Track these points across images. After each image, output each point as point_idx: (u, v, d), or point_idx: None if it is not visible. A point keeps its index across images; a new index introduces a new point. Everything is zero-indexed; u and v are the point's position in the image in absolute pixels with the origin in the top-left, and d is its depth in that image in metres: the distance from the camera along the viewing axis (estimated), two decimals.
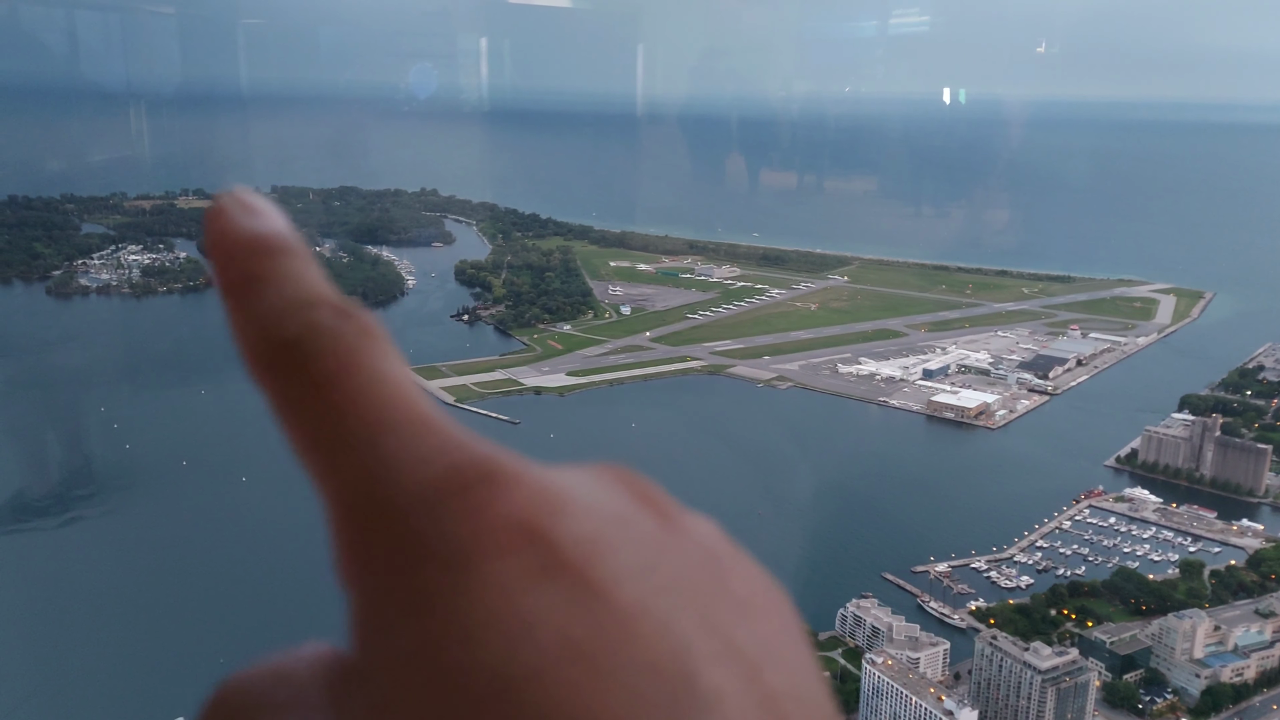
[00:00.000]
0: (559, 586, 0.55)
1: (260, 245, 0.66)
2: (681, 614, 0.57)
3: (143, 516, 58.49)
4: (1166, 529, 61.51)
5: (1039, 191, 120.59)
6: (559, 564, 0.56)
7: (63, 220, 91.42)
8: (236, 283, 0.64)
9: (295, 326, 0.62)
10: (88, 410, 68.50)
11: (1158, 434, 68.08)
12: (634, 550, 0.59)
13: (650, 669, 0.54)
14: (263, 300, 0.64)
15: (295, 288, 0.64)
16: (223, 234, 0.66)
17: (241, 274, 0.64)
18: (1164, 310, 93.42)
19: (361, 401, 0.61)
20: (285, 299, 0.63)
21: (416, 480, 0.59)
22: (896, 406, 75.17)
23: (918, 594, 54.72)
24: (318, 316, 0.63)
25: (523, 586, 0.55)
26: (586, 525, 0.59)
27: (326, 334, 0.62)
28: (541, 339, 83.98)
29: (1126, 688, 47.76)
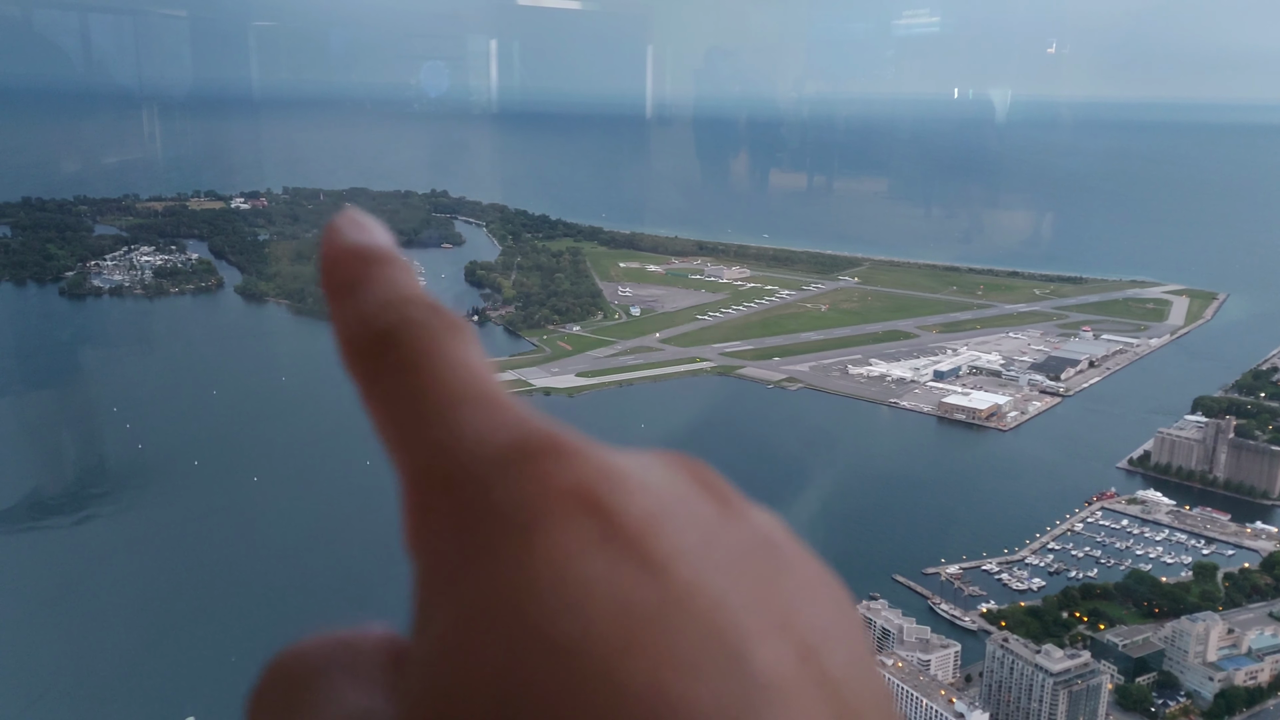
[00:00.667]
0: (618, 556, 0.57)
1: (364, 254, 0.72)
2: (738, 592, 0.59)
3: (156, 515, 58.77)
4: (1180, 531, 61.18)
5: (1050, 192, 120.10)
6: (619, 535, 0.58)
7: (76, 222, 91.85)
8: (341, 285, 0.71)
9: (389, 319, 0.68)
10: (101, 410, 68.87)
11: (1171, 436, 67.72)
12: (692, 530, 0.61)
13: (705, 641, 0.55)
14: (363, 299, 0.69)
15: (392, 289, 0.70)
16: (333, 245, 0.73)
17: (346, 278, 0.71)
18: (1177, 311, 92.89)
19: (441, 382, 0.65)
20: (383, 298, 0.69)
21: (485, 449, 0.62)
22: (907, 408, 74.95)
23: (928, 596, 54.55)
24: (410, 311, 0.68)
25: (582, 553, 0.57)
26: (647, 502, 0.61)
27: (416, 326, 0.67)
28: (551, 340, 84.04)
29: (1139, 691, 47.50)
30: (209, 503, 60.09)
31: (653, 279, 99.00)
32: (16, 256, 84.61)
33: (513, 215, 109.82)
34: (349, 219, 0.76)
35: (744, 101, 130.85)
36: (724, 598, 0.57)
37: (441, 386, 0.65)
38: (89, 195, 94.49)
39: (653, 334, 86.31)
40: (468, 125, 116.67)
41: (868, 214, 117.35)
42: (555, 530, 0.57)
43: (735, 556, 0.61)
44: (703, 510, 0.63)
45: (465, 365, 0.67)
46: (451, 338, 0.68)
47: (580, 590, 0.55)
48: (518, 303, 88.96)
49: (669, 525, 0.60)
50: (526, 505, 0.58)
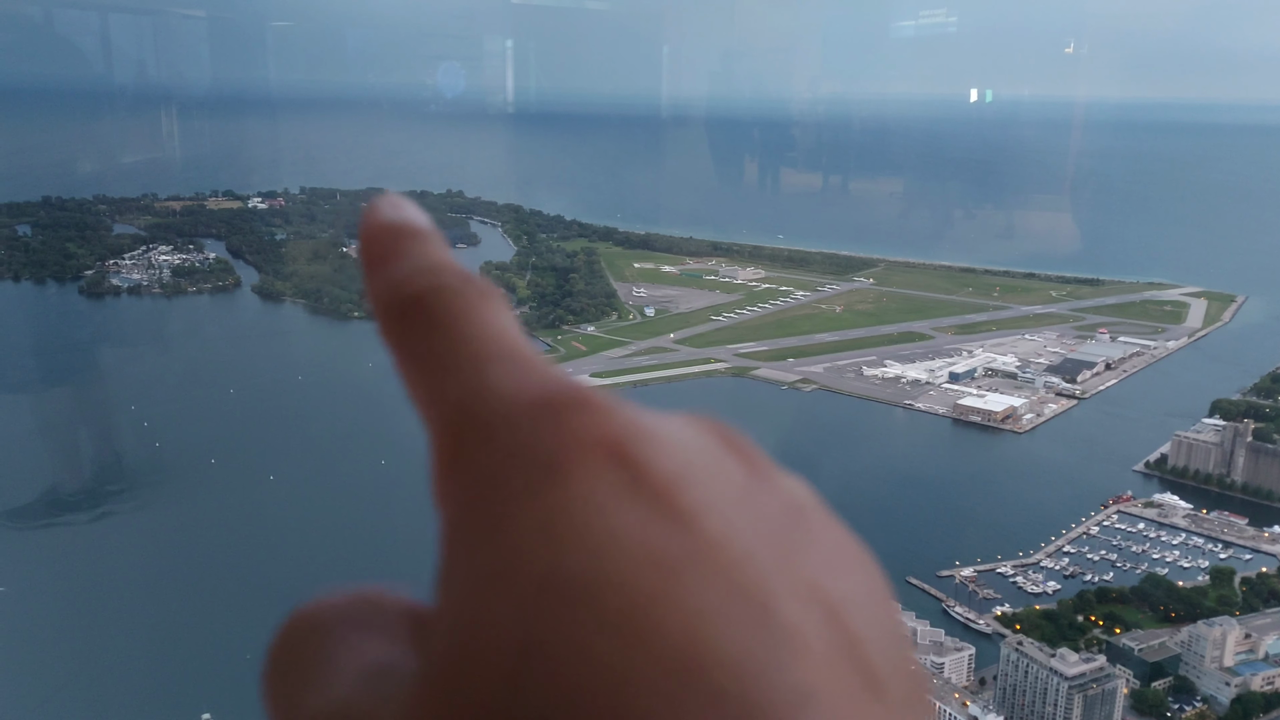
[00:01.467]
0: (646, 506, 0.57)
1: (399, 229, 0.74)
2: (765, 551, 0.58)
3: (172, 512, 59.21)
4: (1196, 535, 60.79)
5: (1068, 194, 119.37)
6: (647, 486, 0.58)
7: (95, 221, 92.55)
8: (377, 257, 0.72)
9: (421, 285, 0.69)
10: (119, 408, 69.39)
11: (1188, 439, 67.28)
12: (721, 488, 0.61)
13: (732, 593, 0.54)
14: (398, 268, 0.71)
15: (425, 259, 0.71)
16: (370, 223, 0.74)
17: (382, 250, 0.72)
18: (1194, 314, 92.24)
19: (472, 340, 0.66)
20: (416, 267, 0.71)
21: (514, 400, 0.62)
22: (922, 410, 74.71)
23: (942, 599, 54.37)
24: (442, 278, 0.69)
25: (610, 501, 0.57)
26: (676, 457, 0.61)
27: (448, 290, 0.69)
28: (565, 340, 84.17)
29: (1155, 695, 47.23)
30: (225, 501, 60.48)
31: (667, 280, 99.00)
32: (37, 255, 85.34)
33: (527, 215, 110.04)
34: (386, 200, 0.77)
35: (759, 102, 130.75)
36: (752, 554, 0.57)
37: (472, 344, 0.66)
38: (108, 195, 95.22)
39: (667, 335, 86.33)
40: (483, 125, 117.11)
41: (883, 215, 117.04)
42: (583, 478, 0.57)
43: (763, 517, 0.62)
44: (732, 471, 0.64)
45: (496, 326, 0.67)
46: (483, 302, 0.69)
47: (607, 538, 0.55)
48: (532, 303, 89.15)
49: (697, 481, 0.60)
50: (555, 454, 0.59)
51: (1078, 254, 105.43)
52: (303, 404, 72.44)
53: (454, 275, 0.70)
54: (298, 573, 52.86)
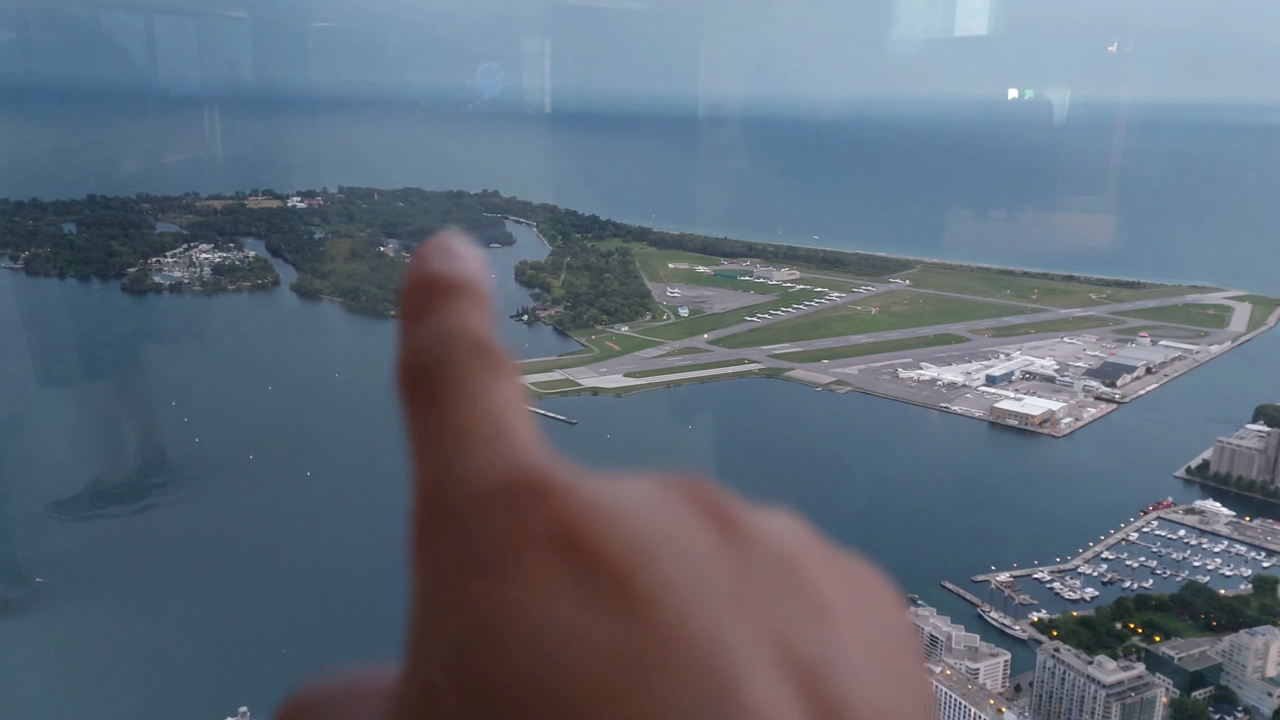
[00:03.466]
0: (596, 597, 0.55)
1: (436, 285, 0.74)
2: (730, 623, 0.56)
3: (212, 507, 60.13)
4: (1239, 543, 59.80)
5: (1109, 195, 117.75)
6: (596, 576, 0.56)
7: (138, 219, 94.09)
8: (409, 314, 0.74)
9: (434, 353, 0.70)
10: (160, 403, 70.54)
11: (1231, 445, 66.14)
12: (683, 561, 0.59)
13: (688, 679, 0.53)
14: (421, 331, 0.72)
15: (450, 324, 0.72)
16: (414, 272, 0.75)
17: (415, 307, 0.74)
18: (1238, 318, 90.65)
19: (460, 417, 0.66)
20: (437, 332, 0.71)
21: (477, 486, 0.62)
22: (958, 413, 74.05)
23: (978, 603, 53.91)
24: (453, 349, 0.70)
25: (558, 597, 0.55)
26: (633, 537, 0.59)
27: (454, 363, 0.70)
28: (599, 340, 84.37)
29: (1195, 705, 46.50)
30: (263, 497, 61.31)
31: (701, 280, 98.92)
32: (81, 253, 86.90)
33: (563, 215, 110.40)
34: (438, 245, 0.78)
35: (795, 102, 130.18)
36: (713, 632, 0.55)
37: (459, 421, 0.66)
38: (151, 193, 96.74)
39: (701, 335, 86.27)
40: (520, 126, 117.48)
41: (920, 216, 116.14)
42: (530, 575, 0.56)
43: (734, 584, 0.59)
44: (697, 538, 0.61)
45: (488, 404, 0.68)
46: (485, 377, 0.69)
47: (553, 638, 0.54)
48: (566, 303, 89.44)
49: (656, 560, 0.58)
50: (502, 546, 0.58)
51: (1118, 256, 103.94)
52: (339, 402, 73.19)
53: (466, 346, 0.71)
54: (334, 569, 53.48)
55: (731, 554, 0.61)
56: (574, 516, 0.59)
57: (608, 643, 0.53)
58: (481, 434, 0.65)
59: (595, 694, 0.52)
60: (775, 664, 0.56)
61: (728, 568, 0.60)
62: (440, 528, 0.61)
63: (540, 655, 0.53)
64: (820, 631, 0.59)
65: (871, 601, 0.66)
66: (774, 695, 0.54)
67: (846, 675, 0.58)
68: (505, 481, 0.62)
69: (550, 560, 0.57)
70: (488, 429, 0.66)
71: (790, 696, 0.55)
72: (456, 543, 0.60)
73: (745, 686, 0.54)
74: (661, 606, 0.56)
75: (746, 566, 0.61)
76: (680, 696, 0.52)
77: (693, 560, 0.59)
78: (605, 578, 0.56)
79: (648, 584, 0.56)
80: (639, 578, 0.57)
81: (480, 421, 0.66)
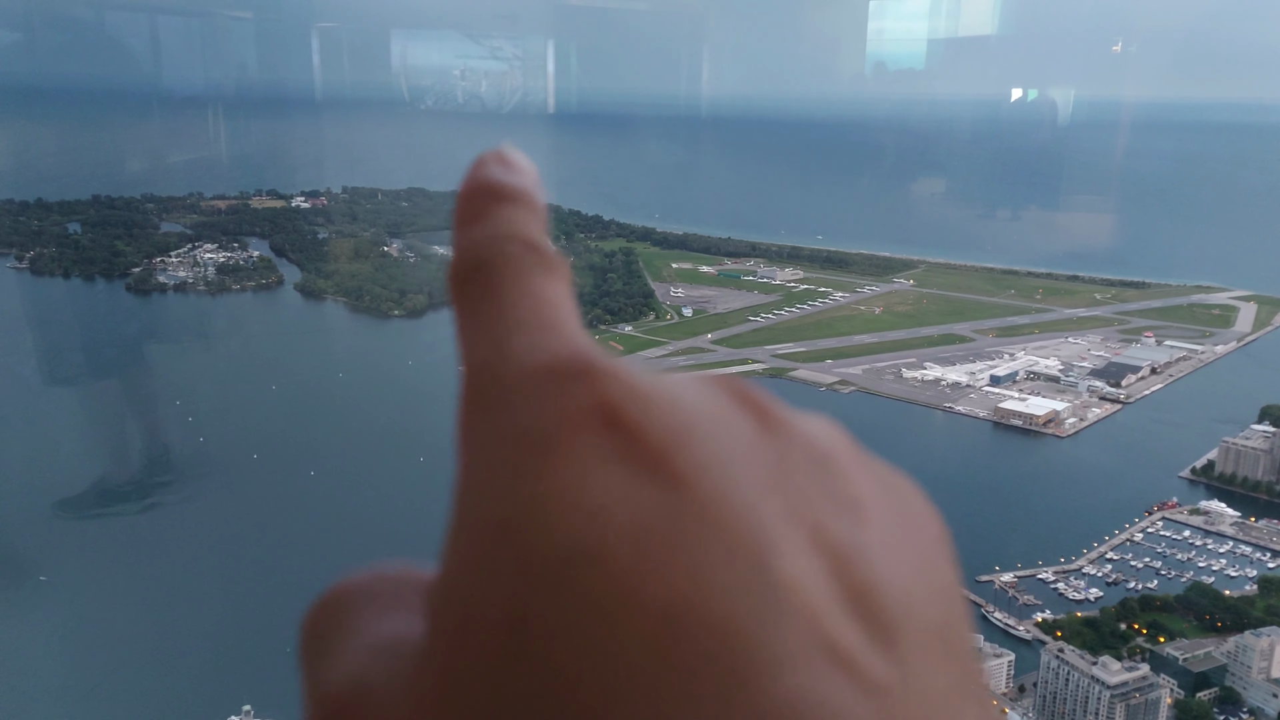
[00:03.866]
0: (637, 472, 0.57)
1: (492, 190, 0.76)
2: (764, 505, 0.58)
3: (217, 506, 60.23)
4: (1244, 544, 59.65)
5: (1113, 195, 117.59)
6: (640, 451, 0.58)
7: (143, 219, 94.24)
8: (464, 218, 0.75)
9: (488, 252, 0.72)
10: (165, 402, 70.68)
11: (1236, 445, 65.98)
12: (722, 444, 0.60)
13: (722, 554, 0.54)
14: (475, 232, 0.74)
15: (504, 226, 0.74)
16: (470, 179, 0.77)
17: (468, 213, 0.75)
18: (1244, 318, 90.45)
19: (512, 309, 0.68)
20: (491, 233, 0.73)
21: (525, 365, 0.64)
22: (962, 413, 73.95)
23: (982, 604, 53.79)
24: (508, 247, 0.72)
25: (600, 469, 0.57)
26: (675, 418, 0.60)
27: (510, 260, 0.71)
28: (603, 340, 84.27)
29: (1200, 706, 46.38)
30: (267, 496, 61.39)
31: (705, 280, 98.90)
32: (86, 253, 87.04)
33: (566, 215, 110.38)
34: (495, 155, 0.80)
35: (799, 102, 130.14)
36: (749, 510, 0.57)
37: (511, 313, 0.68)
38: (156, 193, 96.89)
39: (705, 335, 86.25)
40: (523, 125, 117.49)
41: (925, 216, 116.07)
42: (574, 446, 0.58)
43: (771, 469, 0.61)
44: (739, 426, 0.63)
45: (539, 297, 0.69)
46: (537, 273, 0.71)
47: (596, 505, 0.55)
48: None
49: (696, 441, 0.60)
50: (549, 423, 0.59)
51: (1123, 256, 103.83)
52: (343, 401, 73.29)
53: (519, 244, 0.73)
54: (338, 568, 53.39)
55: (769, 443, 0.63)
56: (619, 396, 0.61)
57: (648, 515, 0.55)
58: (531, 322, 0.67)
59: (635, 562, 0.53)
60: (808, 545, 0.57)
61: (765, 455, 0.62)
62: (488, 405, 0.63)
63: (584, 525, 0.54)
64: (852, 521, 0.61)
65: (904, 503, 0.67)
66: (806, 571, 0.55)
67: (876, 564, 0.59)
68: (553, 362, 0.63)
69: (595, 436, 0.58)
70: (537, 318, 0.68)
71: (821, 575, 0.56)
72: (504, 419, 0.61)
73: (778, 561, 0.55)
74: (700, 483, 0.57)
75: (783, 456, 0.63)
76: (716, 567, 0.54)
77: (731, 445, 0.61)
78: (647, 454, 0.58)
79: (688, 462, 0.58)
80: (679, 456, 0.58)
81: (530, 311, 0.68)
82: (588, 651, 0.52)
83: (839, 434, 0.69)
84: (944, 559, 0.66)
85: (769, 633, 0.52)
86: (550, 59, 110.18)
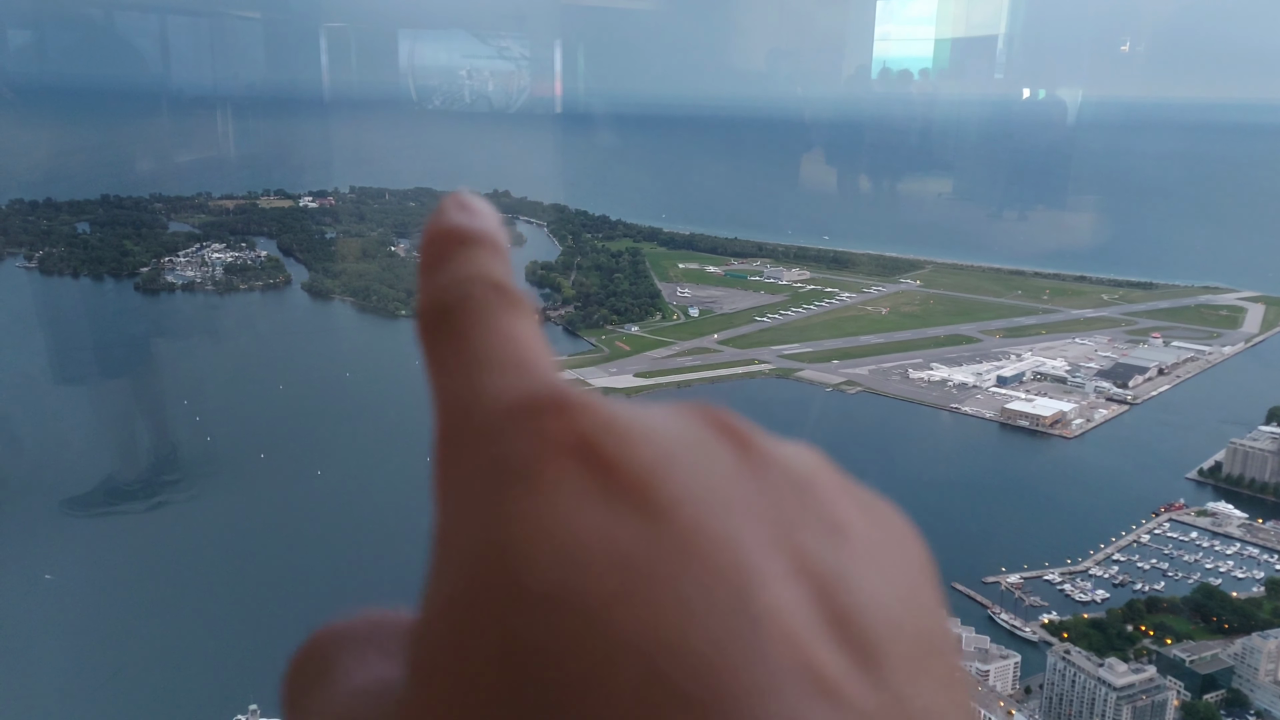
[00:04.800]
0: (614, 506, 0.57)
1: (455, 235, 0.77)
2: (747, 535, 0.58)
3: (224, 505, 60.41)
4: (1252, 545, 59.47)
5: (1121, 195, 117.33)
6: (616, 484, 0.58)
7: (151, 219, 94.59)
8: (428, 263, 0.76)
9: (454, 295, 0.72)
10: (172, 402, 70.93)
11: (1244, 447, 65.78)
12: (702, 475, 0.60)
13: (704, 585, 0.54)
14: (440, 276, 0.74)
15: (469, 268, 0.74)
16: (432, 225, 0.78)
17: (433, 256, 0.76)
18: (1252, 319, 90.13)
19: (481, 350, 0.68)
20: (456, 276, 0.74)
21: (498, 402, 0.64)
22: (969, 413, 73.84)
23: (988, 605, 53.74)
24: (474, 289, 0.72)
25: (577, 504, 0.57)
26: (652, 451, 0.60)
27: (476, 300, 0.72)
28: (610, 340, 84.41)
29: (1207, 708, 46.27)
30: (274, 495, 61.58)
31: (711, 280, 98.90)
32: (95, 252, 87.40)
33: (573, 215, 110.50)
34: (455, 200, 0.81)
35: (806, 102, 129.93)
36: (730, 540, 0.57)
37: (480, 353, 0.68)
38: (164, 193, 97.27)
39: (711, 335, 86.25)
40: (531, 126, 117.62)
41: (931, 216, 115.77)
42: (551, 482, 0.58)
43: (749, 499, 0.60)
44: (717, 455, 0.63)
45: (508, 335, 0.70)
46: (504, 313, 0.71)
47: (575, 541, 0.55)
48: (577, 303, 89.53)
49: (674, 472, 0.59)
50: (525, 457, 0.59)
51: (1130, 256, 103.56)
52: (350, 401, 73.46)
53: (484, 286, 0.73)
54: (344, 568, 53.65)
55: (748, 472, 0.62)
56: (595, 429, 0.60)
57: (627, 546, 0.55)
58: (502, 360, 0.68)
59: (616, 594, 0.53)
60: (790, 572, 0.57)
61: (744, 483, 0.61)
62: (463, 443, 0.63)
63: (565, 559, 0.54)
64: (835, 547, 0.61)
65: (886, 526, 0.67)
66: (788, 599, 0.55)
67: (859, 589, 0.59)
68: (525, 397, 0.63)
69: (572, 470, 0.58)
70: (507, 355, 0.68)
71: (804, 601, 0.56)
72: (480, 456, 0.61)
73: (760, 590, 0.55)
74: (679, 513, 0.57)
75: (763, 483, 0.62)
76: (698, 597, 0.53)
77: (710, 474, 0.60)
78: (625, 486, 0.58)
79: (666, 492, 0.58)
80: (658, 486, 0.58)
81: (500, 349, 0.68)
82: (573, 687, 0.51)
83: (819, 460, 0.69)
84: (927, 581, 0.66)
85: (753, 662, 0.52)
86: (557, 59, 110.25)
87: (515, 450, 0.60)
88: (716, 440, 0.64)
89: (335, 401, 73.59)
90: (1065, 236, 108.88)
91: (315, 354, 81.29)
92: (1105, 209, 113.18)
